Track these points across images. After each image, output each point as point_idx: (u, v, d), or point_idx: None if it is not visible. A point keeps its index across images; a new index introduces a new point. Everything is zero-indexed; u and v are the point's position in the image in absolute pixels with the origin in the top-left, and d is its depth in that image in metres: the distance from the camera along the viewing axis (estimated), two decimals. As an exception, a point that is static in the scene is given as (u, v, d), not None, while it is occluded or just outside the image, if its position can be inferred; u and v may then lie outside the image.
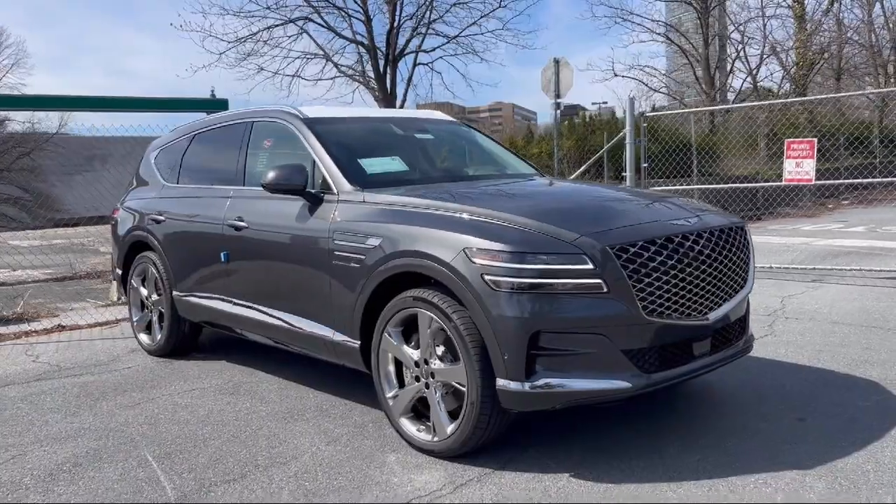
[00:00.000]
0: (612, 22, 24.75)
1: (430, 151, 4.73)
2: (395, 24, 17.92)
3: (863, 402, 3.90)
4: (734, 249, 3.57)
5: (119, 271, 5.85)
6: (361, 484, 3.15)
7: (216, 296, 4.76)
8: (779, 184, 10.89)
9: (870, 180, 11.76)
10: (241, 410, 4.16)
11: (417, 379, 3.46)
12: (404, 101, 18.87)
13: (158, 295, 5.41)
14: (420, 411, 3.55)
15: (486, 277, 3.07)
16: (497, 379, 3.09)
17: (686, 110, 15.75)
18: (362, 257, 3.63)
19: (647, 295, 3.10)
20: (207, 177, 5.08)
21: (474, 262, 3.12)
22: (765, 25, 25.25)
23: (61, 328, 6.75)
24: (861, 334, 5.36)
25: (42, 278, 10.89)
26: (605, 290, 3.03)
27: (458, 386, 3.27)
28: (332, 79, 18.77)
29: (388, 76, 18.41)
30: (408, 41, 18.42)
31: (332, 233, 3.82)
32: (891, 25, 32.36)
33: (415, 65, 18.71)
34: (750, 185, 14.08)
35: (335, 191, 3.96)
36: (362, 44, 18.32)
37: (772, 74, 29.55)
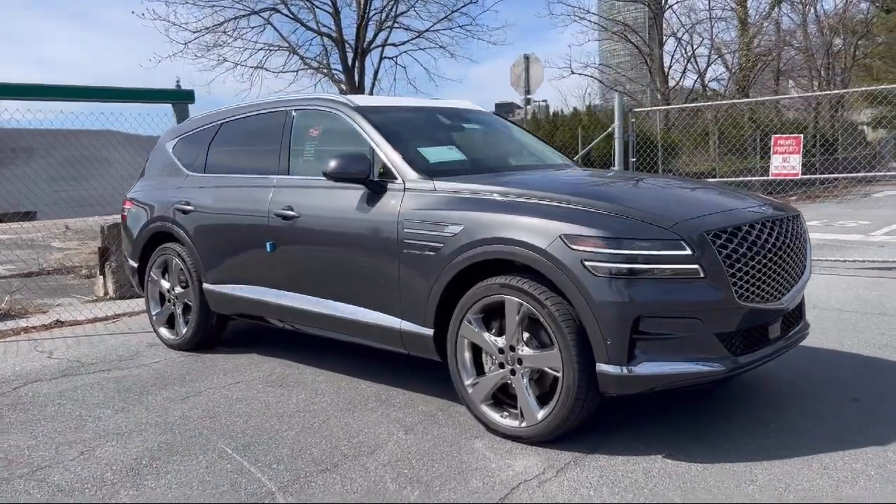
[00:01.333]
0: (570, 20, 25.03)
1: (478, 141, 4.75)
2: (365, 16, 17.76)
3: (905, 383, 4.11)
4: (797, 237, 3.71)
5: (135, 264, 5.66)
6: (461, 470, 3.16)
7: (257, 287, 4.67)
8: (756, 178, 11.29)
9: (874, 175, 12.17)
10: (300, 402, 4.10)
11: (502, 366, 3.47)
12: (371, 94, 18.74)
13: (183, 287, 5.27)
14: (499, 398, 3.57)
15: (587, 263, 3.11)
16: (597, 364, 3.14)
17: (671, 107, 16.13)
18: (440, 245, 3.62)
19: (738, 280, 3.20)
20: (242, 166, 4.97)
21: (573, 249, 3.15)
22: (712, 27, 25.98)
23: (60, 324, 6.49)
24: (870, 321, 5.62)
25: (6, 274, 10.43)
26: (702, 275, 3.11)
27: (550, 371, 3.30)
28: (295, 71, 18.51)
29: (357, 69, 18.26)
30: (375, 35, 18.33)
31: (402, 221, 3.80)
32: (823, 31, 33.82)
33: (381, 59, 18.66)
34: (720, 179, 14.50)
35: (400, 179, 3.93)
36: (330, 36, 18.12)
37: (718, 76, 30.33)
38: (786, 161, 8.36)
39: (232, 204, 4.80)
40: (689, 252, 3.10)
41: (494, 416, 3.52)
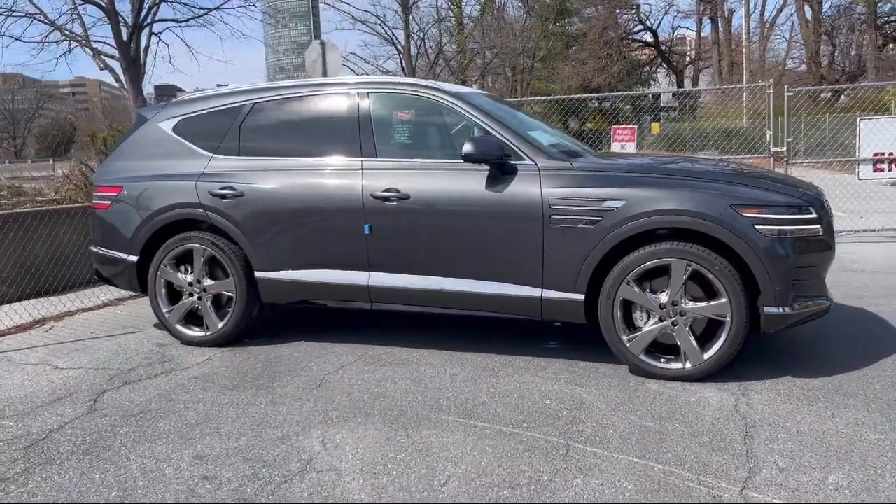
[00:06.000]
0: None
1: (540, 126, 5.19)
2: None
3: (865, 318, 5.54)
4: (826, 206, 4.87)
5: (133, 258, 5.05)
6: (677, 406, 3.72)
7: (342, 270, 4.62)
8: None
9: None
10: (440, 375, 4.25)
11: (661, 319, 4.09)
12: (144, 70, 17.00)
13: (213, 280, 4.91)
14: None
15: (758, 227, 3.88)
16: (765, 307, 3.93)
17: (523, 99, 17.31)
18: (598, 219, 4.09)
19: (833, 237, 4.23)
20: (301, 149, 4.76)
21: (744, 216, 3.89)
22: (440, 25, 28.00)
23: (-16, 335, 5.48)
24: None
25: None
26: (821, 233, 4.06)
27: (716, 318, 4.00)
28: (41, 42, 16.11)
29: (133, 45, 16.35)
30: (149, 9, 16.65)
31: (548, 198, 4.18)
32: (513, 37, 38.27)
33: (150, 35, 16.99)
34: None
35: (529, 160, 4.28)
36: (101, 6, 15.98)
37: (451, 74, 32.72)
38: (624, 148, 9.87)
39: (306, 189, 4.64)
40: (815, 216, 4.03)
41: (654, 362, 4.12)
